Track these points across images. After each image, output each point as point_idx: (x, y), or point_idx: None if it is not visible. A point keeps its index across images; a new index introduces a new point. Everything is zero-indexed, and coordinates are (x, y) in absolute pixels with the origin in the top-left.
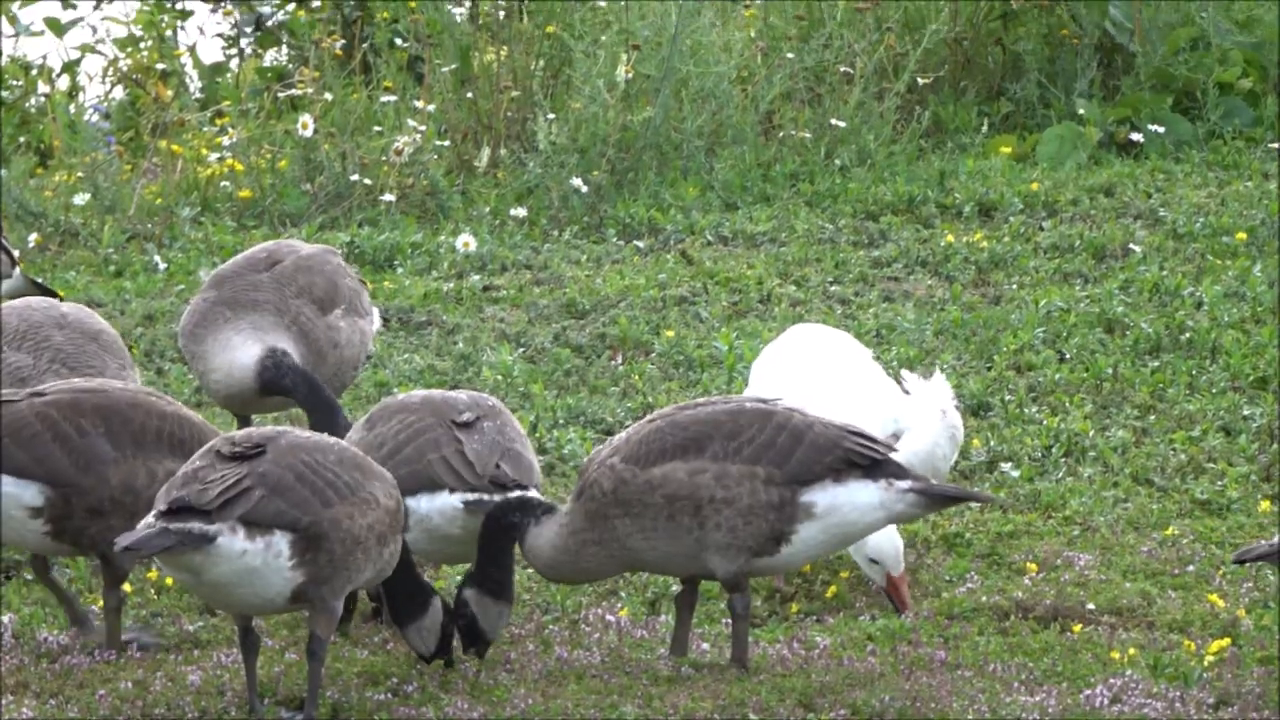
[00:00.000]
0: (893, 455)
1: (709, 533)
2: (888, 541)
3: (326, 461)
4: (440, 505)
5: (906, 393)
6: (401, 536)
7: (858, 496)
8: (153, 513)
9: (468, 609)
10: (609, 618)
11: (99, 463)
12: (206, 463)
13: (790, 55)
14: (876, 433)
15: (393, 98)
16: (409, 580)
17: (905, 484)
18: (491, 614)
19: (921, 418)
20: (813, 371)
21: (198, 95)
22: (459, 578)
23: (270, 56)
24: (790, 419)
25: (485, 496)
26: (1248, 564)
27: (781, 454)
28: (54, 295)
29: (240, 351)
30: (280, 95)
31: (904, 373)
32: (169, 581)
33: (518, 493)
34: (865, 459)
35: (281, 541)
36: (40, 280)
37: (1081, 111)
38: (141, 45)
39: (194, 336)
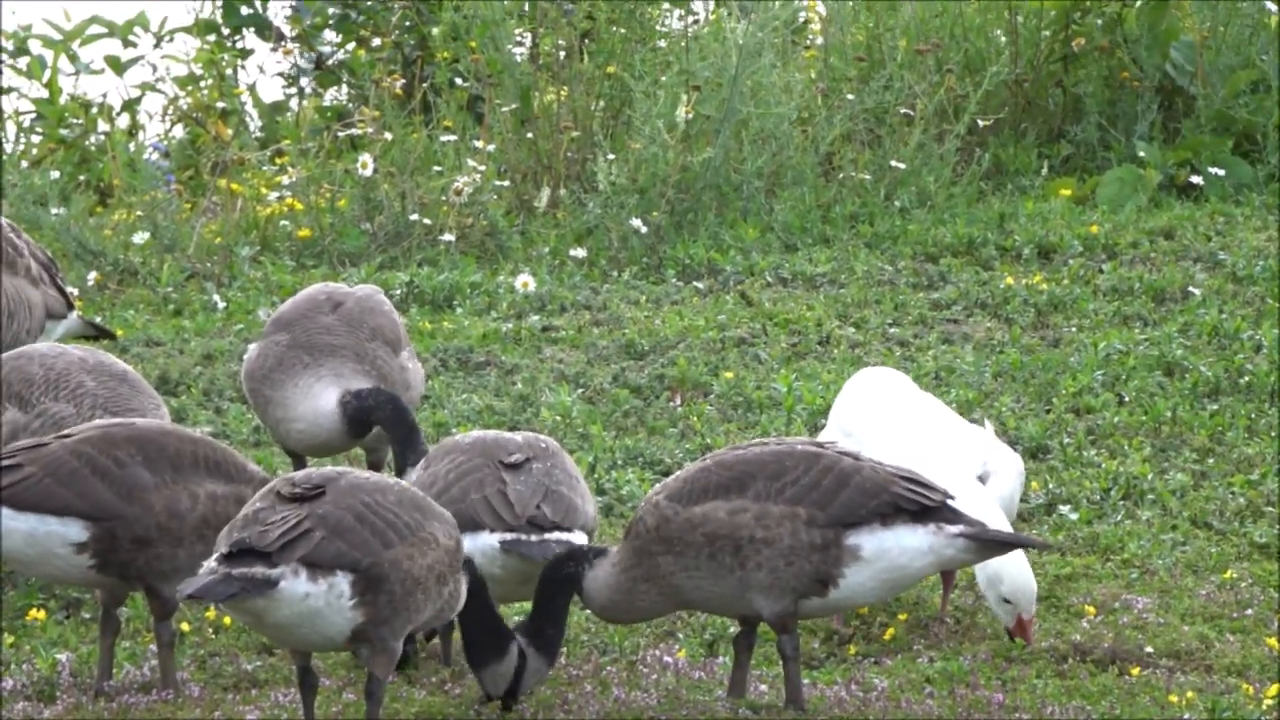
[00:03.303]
0: (949, 501)
1: (750, 572)
2: (1024, 583)
3: (386, 502)
4: (481, 545)
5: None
6: (472, 576)
7: (906, 540)
8: (214, 556)
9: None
10: (666, 659)
11: (141, 490)
12: (267, 504)
13: (850, 96)
14: (968, 477)
15: (452, 137)
16: (489, 622)
17: (956, 529)
18: (532, 669)
19: (1005, 461)
20: (897, 416)
21: (257, 134)
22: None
23: (330, 95)
24: (838, 462)
25: (523, 536)
26: None
27: (825, 496)
28: (111, 336)
29: (322, 399)
30: (340, 134)
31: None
32: (227, 621)
33: (556, 535)
34: (914, 504)
35: (343, 582)
36: (98, 321)
37: (1142, 154)
38: (201, 84)
39: (271, 381)
